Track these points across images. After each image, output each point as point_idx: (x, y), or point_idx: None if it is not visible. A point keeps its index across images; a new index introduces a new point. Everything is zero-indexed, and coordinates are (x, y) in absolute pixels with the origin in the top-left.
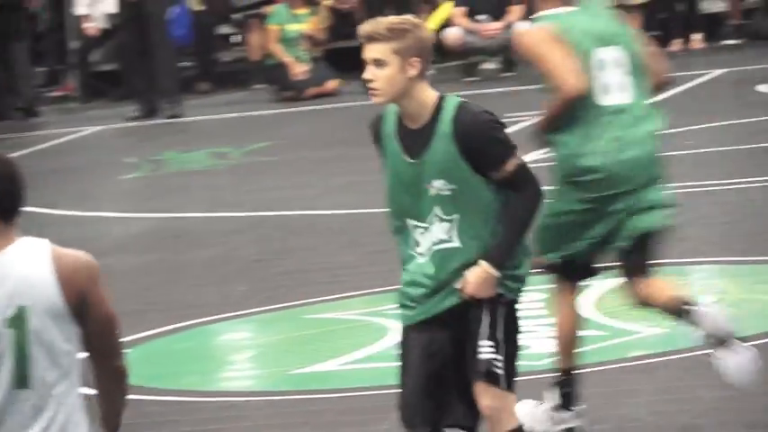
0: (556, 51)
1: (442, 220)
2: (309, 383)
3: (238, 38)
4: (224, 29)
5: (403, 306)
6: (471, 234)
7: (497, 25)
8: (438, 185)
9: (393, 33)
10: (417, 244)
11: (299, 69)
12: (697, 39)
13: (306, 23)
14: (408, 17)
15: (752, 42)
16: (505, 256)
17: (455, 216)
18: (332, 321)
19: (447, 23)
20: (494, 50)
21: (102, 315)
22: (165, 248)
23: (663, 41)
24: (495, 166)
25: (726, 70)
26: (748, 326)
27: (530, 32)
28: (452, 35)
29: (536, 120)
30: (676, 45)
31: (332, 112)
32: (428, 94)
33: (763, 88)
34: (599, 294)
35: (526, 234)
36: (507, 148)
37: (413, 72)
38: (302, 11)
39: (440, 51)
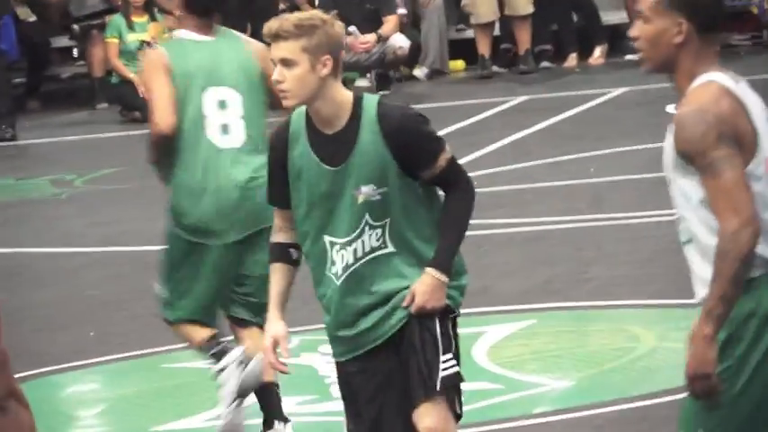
0: (160, 82)
1: (373, 226)
2: None
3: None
4: (62, 41)
5: (333, 340)
6: (403, 238)
7: (369, 38)
8: (367, 191)
9: (301, 30)
10: (333, 263)
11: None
12: (597, 53)
13: (146, 32)
14: (316, 12)
15: None
16: (452, 260)
17: (386, 220)
18: (194, 371)
19: None
20: (366, 66)
21: None
22: (1, 288)
23: (557, 56)
24: (428, 162)
25: (630, 88)
26: (662, 379)
27: (147, 55)
28: None
29: None
30: (572, 60)
31: None
32: (343, 94)
33: (672, 108)
34: (493, 342)
35: (465, 232)
36: (438, 143)
37: (325, 71)
38: (140, 19)
39: None
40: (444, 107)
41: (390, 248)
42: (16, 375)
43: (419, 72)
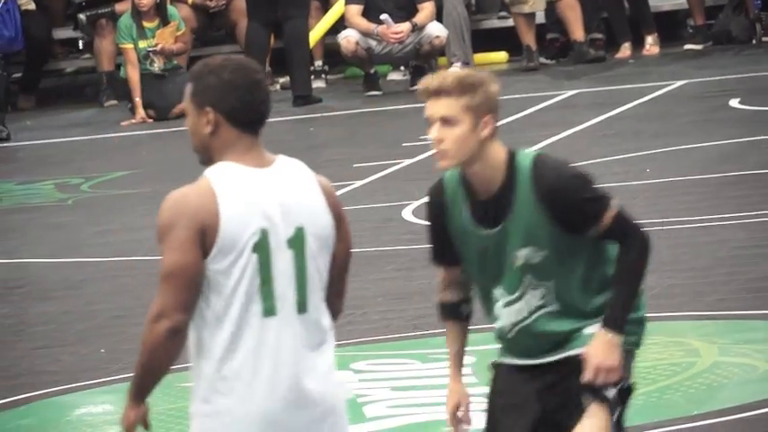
0: None
1: (536, 286)
2: None
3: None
4: (65, 33)
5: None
6: (569, 296)
7: (403, 27)
8: (525, 254)
9: (464, 87)
10: (500, 318)
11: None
12: (650, 42)
13: (156, 38)
14: (475, 71)
15: (718, 47)
16: (625, 317)
17: (549, 281)
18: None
19: (340, 24)
20: (400, 58)
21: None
22: (2, 302)
23: (609, 46)
24: (591, 223)
25: (688, 81)
26: (726, 396)
27: None
28: (349, 39)
29: None
30: (625, 51)
31: None
32: (498, 153)
33: (736, 103)
34: None
35: (640, 286)
36: (601, 203)
37: (486, 132)
38: (151, 23)
39: (334, 56)
40: None
41: (555, 307)
42: (18, 397)
43: (456, 65)
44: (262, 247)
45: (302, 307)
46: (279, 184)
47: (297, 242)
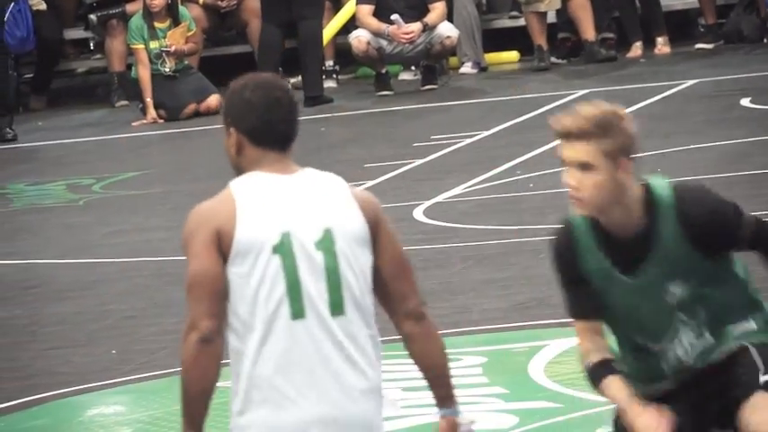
0: None
1: (686, 323)
2: None
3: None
4: (76, 33)
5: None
6: (722, 321)
7: (414, 27)
8: (675, 290)
9: (602, 130)
10: (657, 365)
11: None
12: (661, 42)
13: (168, 38)
14: (609, 107)
15: (730, 46)
16: None
17: (701, 313)
18: (226, 392)
19: (352, 24)
20: (411, 58)
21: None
22: (15, 303)
23: (620, 46)
24: (732, 244)
25: (700, 80)
26: None
27: None
28: (359, 39)
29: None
30: (636, 50)
31: (213, 134)
32: (635, 191)
33: (747, 102)
34: (551, 358)
35: None
36: (738, 222)
37: (624, 175)
38: (162, 24)
39: (345, 56)
40: (495, 102)
41: (710, 339)
42: (31, 397)
43: (467, 65)
44: (284, 249)
45: (337, 308)
46: (303, 188)
47: (326, 243)
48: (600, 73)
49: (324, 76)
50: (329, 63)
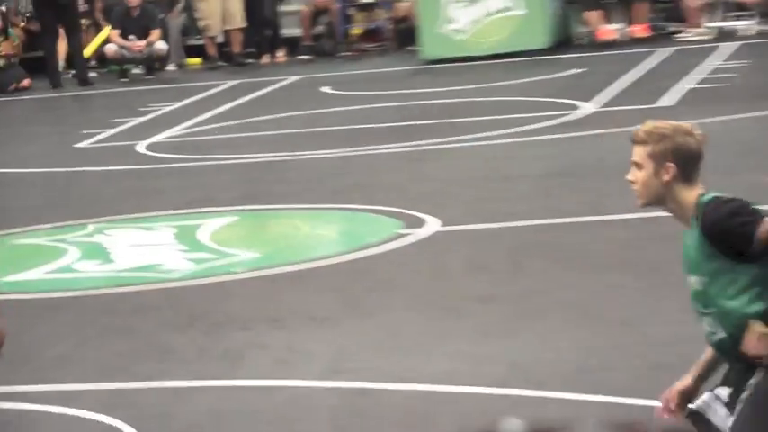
0: None
1: (703, 314)
2: (20, 286)
3: None
4: None
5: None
6: (732, 322)
7: (142, 43)
8: (693, 281)
9: (650, 137)
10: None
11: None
12: (280, 55)
13: (1, 46)
14: (670, 123)
15: (319, 58)
16: None
17: (713, 310)
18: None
19: (107, 41)
20: (139, 60)
21: None
22: None
23: (257, 56)
24: (746, 247)
25: (300, 77)
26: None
27: None
28: (111, 49)
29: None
30: (266, 59)
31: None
32: (689, 196)
33: (325, 89)
34: (215, 228)
35: None
36: (751, 227)
37: (666, 177)
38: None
39: (102, 60)
40: (190, 87)
41: (722, 334)
42: None
43: (171, 67)
44: None
45: None
46: None
47: None
48: (245, 71)
49: (88, 68)
50: (93, 62)
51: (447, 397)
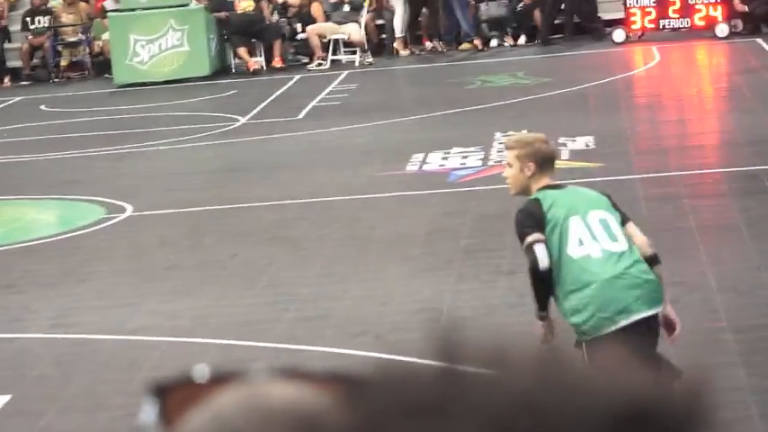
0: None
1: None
2: None
3: None
4: None
5: None
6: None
7: None
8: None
9: (518, 144)
10: None
11: None
12: (6, 81)
13: None
14: (532, 134)
15: (36, 83)
16: (536, 305)
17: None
18: None
19: None
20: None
21: None
22: None
23: None
24: (521, 244)
25: (22, 97)
26: None
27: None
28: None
29: None
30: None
31: None
32: (539, 186)
33: (42, 107)
34: None
35: (536, 291)
36: (518, 233)
37: (528, 173)
38: None
39: None
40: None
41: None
42: None
43: None
44: None
45: None
46: None
47: None
48: None
49: None
50: None
51: (148, 344)
